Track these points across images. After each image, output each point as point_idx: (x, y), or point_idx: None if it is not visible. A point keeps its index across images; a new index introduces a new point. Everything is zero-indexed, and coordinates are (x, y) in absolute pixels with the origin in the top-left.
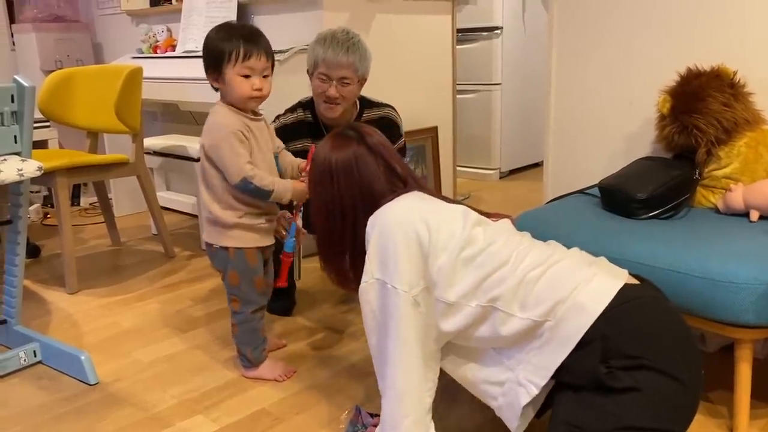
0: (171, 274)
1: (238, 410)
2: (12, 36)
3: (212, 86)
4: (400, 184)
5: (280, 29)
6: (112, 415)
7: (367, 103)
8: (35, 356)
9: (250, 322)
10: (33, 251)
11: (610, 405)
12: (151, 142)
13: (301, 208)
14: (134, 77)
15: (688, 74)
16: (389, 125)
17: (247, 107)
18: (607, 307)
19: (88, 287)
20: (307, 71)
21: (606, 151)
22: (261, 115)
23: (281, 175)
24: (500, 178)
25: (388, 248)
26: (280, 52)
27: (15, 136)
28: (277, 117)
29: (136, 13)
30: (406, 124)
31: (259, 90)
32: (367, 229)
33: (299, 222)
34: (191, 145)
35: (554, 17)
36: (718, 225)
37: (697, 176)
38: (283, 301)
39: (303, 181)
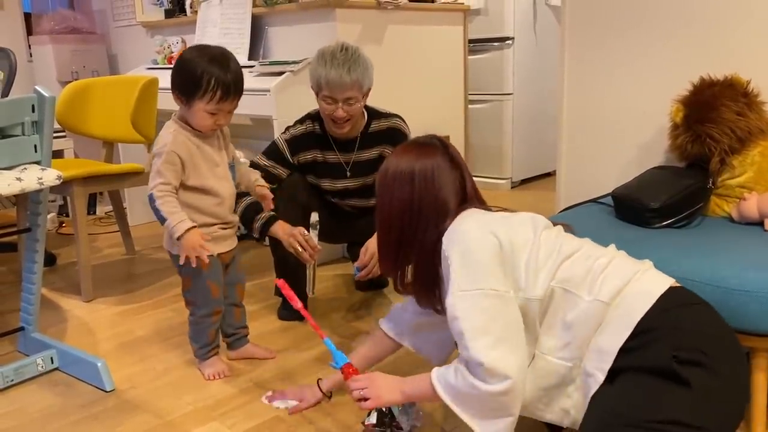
0: None
1: (253, 417)
2: (29, 48)
3: (174, 101)
4: (467, 200)
5: (294, 40)
6: (128, 421)
7: (375, 114)
8: (52, 363)
9: (199, 324)
10: (49, 260)
11: (667, 394)
12: None
13: (317, 225)
14: (150, 88)
15: (701, 84)
16: (398, 136)
17: (201, 131)
18: (670, 303)
19: (104, 295)
20: (312, 87)
21: (619, 161)
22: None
23: (236, 186)
24: (512, 187)
25: (475, 259)
26: (294, 62)
27: (35, 146)
28: (287, 129)
29: (151, 24)
30: (418, 134)
31: (221, 125)
32: (444, 247)
33: (315, 239)
34: None
35: (566, 28)
36: (732, 234)
37: (710, 185)
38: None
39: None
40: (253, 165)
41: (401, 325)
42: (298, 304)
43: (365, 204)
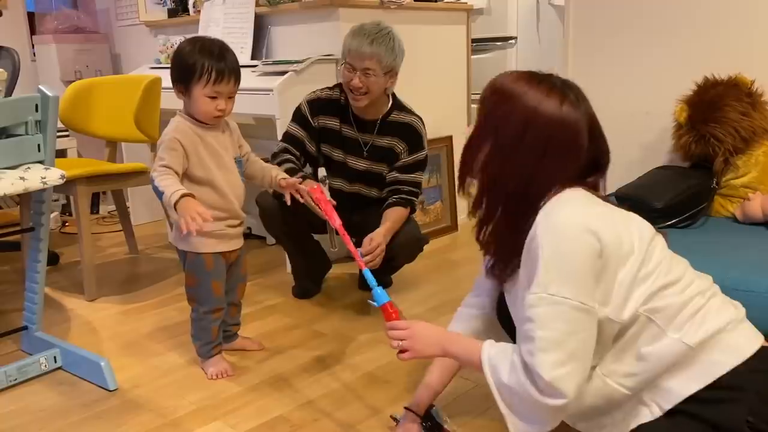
0: None
1: (257, 417)
2: (33, 47)
3: (177, 96)
4: (587, 177)
5: (297, 40)
6: (132, 421)
7: (399, 105)
8: (56, 362)
9: (201, 320)
10: (52, 259)
11: None
12: None
13: (326, 182)
14: (153, 87)
15: (705, 84)
16: (414, 135)
17: (207, 122)
18: (760, 365)
19: (107, 294)
20: (338, 62)
21: (622, 161)
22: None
23: (251, 179)
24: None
25: (568, 262)
26: (297, 62)
27: (39, 145)
28: (315, 90)
29: (154, 24)
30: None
31: (222, 110)
32: (537, 227)
33: (327, 194)
34: None
35: (570, 28)
36: (736, 234)
37: (714, 185)
38: (308, 286)
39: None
40: (273, 154)
41: (479, 328)
42: (336, 221)
43: (368, 192)
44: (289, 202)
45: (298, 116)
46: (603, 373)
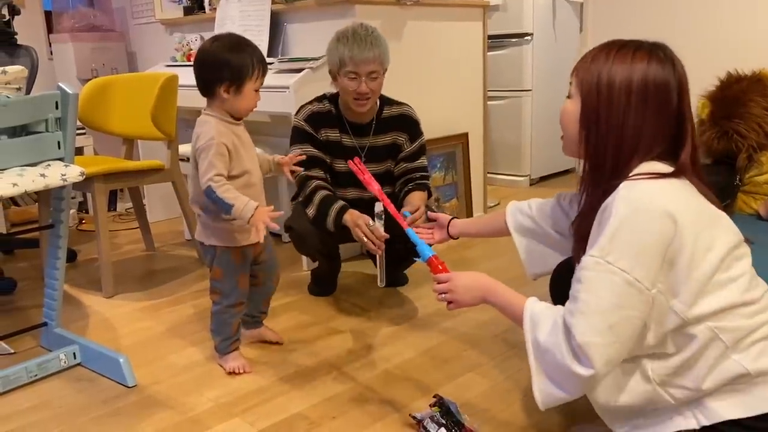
0: (204, 278)
1: (275, 414)
2: (50, 45)
3: (209, 94)
4: (670, 153)
5: (313, 37)
6: (151, 417)
7: (386, 100)
8: (75, 358)
9: (223, 314)
10: (70, 256)
11: None
12: (184, 149)
13: (382, 216)
14: (170, 85)
15: (728, 79)
16: (410, 122)
17: (245, 116)
18: None
19: (124, 291)
20: (330, 71)
21: None
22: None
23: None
24: (531, 184)
25: (637, 237)
26: (313, 59)
27: (58, 142)
28: (300, 109)
29: (170, 22)
30: (437, 131)
31: (258, 101)
32: (620, 194)
33: (381, 229)
34: None
35: (587, 24)
36: (760, 231)
37: (737, 182)
38: (327, 286)
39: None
40: (300, 178)
41: (520, 221)
42: (375, 186)
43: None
44: (291, 179)
45: (303, 136)
46: (657, 381)
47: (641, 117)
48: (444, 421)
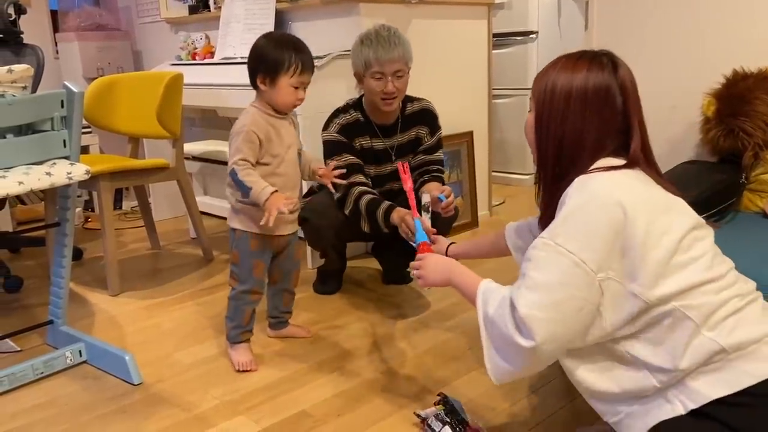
0: (210, 276)
1: (280, 411)
2: (56, 44)
3: (253, 85)
4: (624, 148)
5: (318, 35)
6: (156, 414)
7: (407, 98)
8: (81, 356)
9: (237, 300)
10: (75, 254)
11: None
12: (189, 147)
13: (429, 207)
14: (175, 83)
15: (734, 76)
16: (431, 116)
17: (285, 111)
18: None
19: (130, 289)
20: (355, 74)
21: None
22: (287, 114)
23: (301, 171)
24: (535, 183)
25: (585, 223)
26: (318, 58)
27: (64, 141)
28: (328, 124)
29: (175, 20)
30: (442, 129)
31: (301, 100)
32: (574, 186)
33: (428, 222)
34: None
35: (593, 21)
36: (766, 229)
37: (743, 180)
38: (334, 285)
39: (323, 176)
40: (343, 187)
41: (519, 245)
42: (408, 185)
43: (399, 186)
44: (333, 190)
45: (339, 146)
46: (638, 365)
47: (581, 119)
48: (448, 419)
